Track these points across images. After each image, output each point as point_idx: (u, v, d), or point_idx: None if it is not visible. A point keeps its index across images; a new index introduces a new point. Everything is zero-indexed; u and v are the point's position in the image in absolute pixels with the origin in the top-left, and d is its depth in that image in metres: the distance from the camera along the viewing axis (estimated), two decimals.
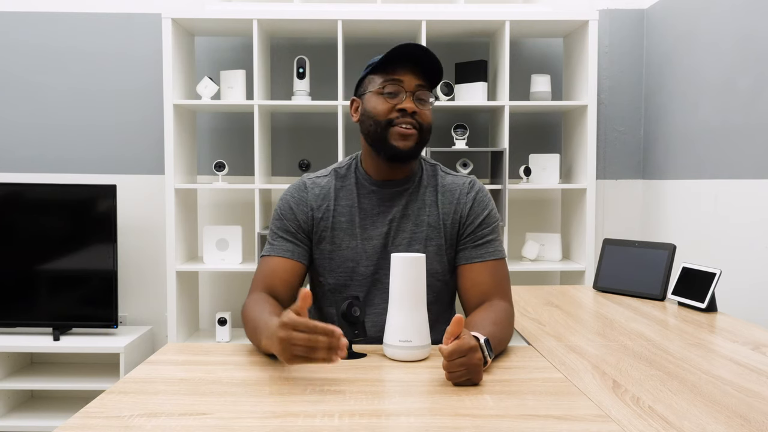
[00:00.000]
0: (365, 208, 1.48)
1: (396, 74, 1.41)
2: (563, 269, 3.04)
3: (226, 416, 1.00)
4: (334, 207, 1.48)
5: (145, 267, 3.18)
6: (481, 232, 1.47)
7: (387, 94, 1.41)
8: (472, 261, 1.46)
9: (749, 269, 2.28)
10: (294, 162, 3.19)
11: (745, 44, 2.37)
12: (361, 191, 1.49)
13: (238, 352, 1.36)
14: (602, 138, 3.20)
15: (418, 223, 1.48)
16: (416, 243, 1.47)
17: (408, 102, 1.40)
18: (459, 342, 1.11)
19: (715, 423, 0.99)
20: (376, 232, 1.47)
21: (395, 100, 1.41)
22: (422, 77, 1.42)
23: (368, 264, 1.47)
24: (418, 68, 1.41)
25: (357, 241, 1.47)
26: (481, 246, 1.47)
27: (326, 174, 1.53)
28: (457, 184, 1.51)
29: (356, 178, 1.51)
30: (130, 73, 3.16)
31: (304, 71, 2.96)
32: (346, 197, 1.49)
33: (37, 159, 3.17)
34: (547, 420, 0.99)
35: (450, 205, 1.49)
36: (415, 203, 1.49)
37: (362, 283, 1.48)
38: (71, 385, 2.83)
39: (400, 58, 1.41)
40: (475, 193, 1.50)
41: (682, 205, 2.80)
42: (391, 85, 1.41)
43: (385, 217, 1.47)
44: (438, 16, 2.86)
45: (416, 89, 1.41)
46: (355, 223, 1.47)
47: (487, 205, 1.50)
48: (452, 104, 2.94)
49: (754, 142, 2.30)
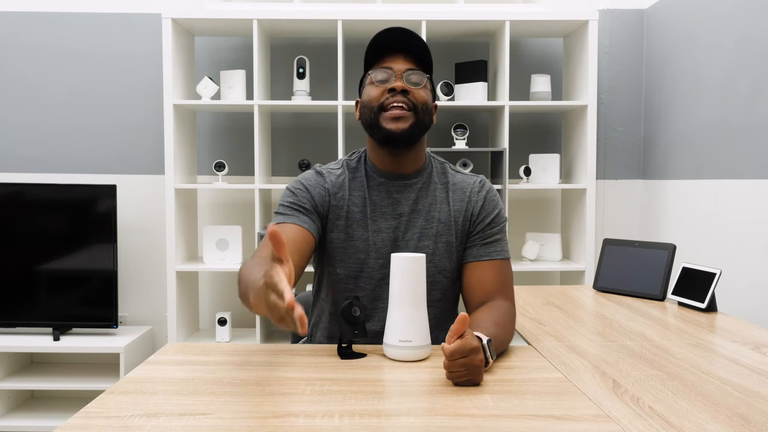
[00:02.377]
0: (375, 200, 1.48)
1: (385, 62, 1.42)
2: (563, 269, 3.04)
3: (226, 416, 1.00)
4: (349, 197, 1.47)
5: (145, 267, 3.18)
6: (490, 231, 1.48)
7: (378, 81, 1.42)
8: (479, 259, 1.46)
9: (749, 269, 2.28)
10: (294, 162, 3.19)
11: (745, 44, 2.37)
12: (371, 183, 1.49)
13: (238, 352, 1.36)
14: (602, 138, 3.20)
15: (428, 219, 1.47)
16: (426, 239, 1.46)
17: (398, 81, 1.40)
18: (462, 342, 1.11)
19: (715, 423, 0.99)
20: (386, 225, 1.47)
21: (386, 85, 1.41)
22: (413, 61, 1.43)
23: (377, 257, 1.46)
24: (408, 54, 1.42)
25: (368, 233, 1.46)
26: (489, 244, 1.47)
27: (339, 166, 1.52)
28: (468, 182, 1.51)
29: (365, 170, 1.50)
30: (130, 73, 3.16)
31: (304, 71, 2.96)
32: (358, 188, 1.48)
33: (37, 159, 3.17)
34: (547, 420, 0.99)
35: (461, 203, 1.49)
36: (425, 198, 1.48)
37: (372, 276, 1.47)
38: (71, 385, 2.83)
39: (387, 48, 1.42)
40: (486, 192, 1.51)
41: (682, 205, 2.80)
42: (381, 72, 1.42)
43: (394, 210, 1.47)
44: (438, 16, 2.86)
45: (406, 71, 1.41)
46: (367, 215, 1.47)
47: (497, 205, 1.51)
48: (452, 104, 2.94)
49: (754, 142, 2.30)
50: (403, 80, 1.40)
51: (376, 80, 1.42)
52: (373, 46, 1.43)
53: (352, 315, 1.32)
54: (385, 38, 1.42)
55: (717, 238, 2.50)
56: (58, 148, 3.17)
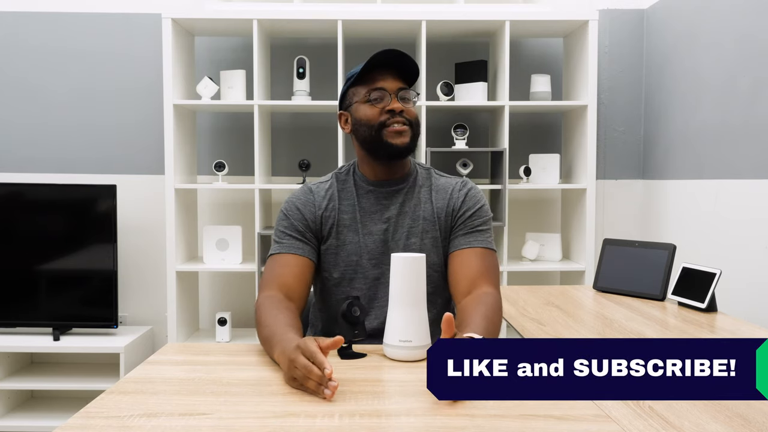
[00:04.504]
0: (364, 206, 1.55)
1: (377, 82, 1.50)
2: (563, 269, 3.04)
3: (226, 416, 1.00)
4: (339, 205, 1.55)
5: (145, 267, 3.18)
6: (472, 223, 1.53)
7: (373, 100, 1.50)
8: (461, 247, 1.51)
9: (749, 269, 2.28)
10: (294, 162, 3.19)
11: (745, 44, 2.37)
12: (360, 192, 1.56)
13: (238, 352, 1.36)
14: (602, 138, 3.20)
15: (414, 218, 1.54)
16: (413, 236, 1.53)
17: (394, 103, 1.49)
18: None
19: (715, 423, 0.99)
20: (376, 228, 1.53)
21: (382, 104, 1.50)
22: (401, 79, 1.52)
23: (370, 258, 1.52)
24: (396, 71, 1.51)
25: (359, 236, 1.53)
26: (470, 234, 1.52)
27: (328, 179, 1.60)
28: (450, 183, 1.59)
29: (354, 180, 1.58)
30: (130, 73, 3.16)
31: (304, 71, 2.96)
32: (347, 197, 1.56)
33: (37, 159, 3.16)
34: (547, 420, 0.99)
35: (443, 201, 1.56)
36: (411, 201, 1.56)
37: (366, 277, 1.52)
38: (71, 385, 2.82)
39: (377, 67, 1.50)
40: (467, 189, 1.57)
41: (682, 205, 2.80)
42: (375, 92, 1.50)
43: (383, 214, 1.54)
44: (438, 16, 2.86)
45: (398, 91, 1.50)
46: (357, 219, 1.54)
47: (479, 200, 1.56)
48: (452, 104, 2.94)
49: (754, 142, 2.30)
50: (398, 100, 1.50)
51: (372, 99, 1.50)
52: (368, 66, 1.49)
53: (352, 315, 1.32)
54: (379, 58, 1.48)
55: (717, 238, 2.50)
56: (58, 148, 3.17)
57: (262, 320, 1.35)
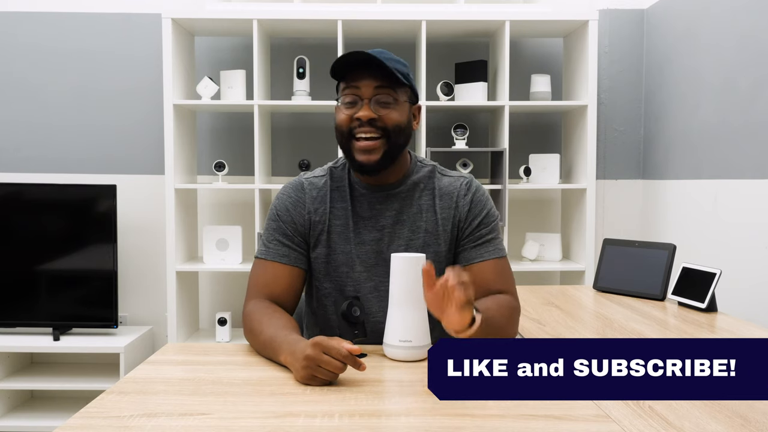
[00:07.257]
0: (358, 212, 1.44)
1: (353, 80, 1.35)
2: (563, 269, 3.04)
3: (226, 416, 1.00)
4: (330, 210, 1.44)
5: (145, 267, 3.18)
6: (479, 233, 1.43)
7: (345, 104, 1.36)
8: (471, 262, 1.42)
9: (749, 269, 2.28)
10: (294, 162, 3.19)
11: (745, 44, 2.37)
12: (354, 193, 1.45)
13: (238, 352, 1.36)
14: (602, 138, 3.20)
15: (414, 229, 1.43)
16: (413, 250, 1.42)
17: (364, 110, 1.34)
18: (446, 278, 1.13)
19: (715, 423, 0.99)
20: (369, 237, 1.43)
21: (352, 110, 1.35)
22: (382, 77, 1.34)
23: (362, 270, 1.43)
24: (377, 70, 1.33)
25: (351, 245, 1.43)
26: (480, 246, 1.43)
27: (323, 174, 1.49)
28: (455, 186, 1.46)
29: (349, 179, 1.47)
30: (130, 73, 3.16)
31: (304, 71, 2.96)
32: (340, 200, 1.45)
33: (37, 159, 3.16)
34: (547, 420, 0.99)
35: (448, 210, 1.44)
36: (410, 208, 1.44)
37: (357, 289, 1.44)
38: (71, 385, 2.82)
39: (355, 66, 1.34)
40: (472, 194, 1.45)
41: (682, 205, 2.80)
42: (348, 93, 1.36)
43: (377, 221, 1.44)
44: (438, 16, 2.86)
45: (375, 93, 1.34)
46: (349, 227, 1.44)
47: (485, 205, 1.46)
48: (452, 104, 2.94)
49: (753, 142, 2.30)
50: (370, 105, 1.34)
51: (344, 103, 1.36)
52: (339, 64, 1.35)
53: (352, 315, 1.32)
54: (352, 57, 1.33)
55: (717, 238, 2.50)
56: (58, 148, 3.17)
57: (255, 328, 1.31)
